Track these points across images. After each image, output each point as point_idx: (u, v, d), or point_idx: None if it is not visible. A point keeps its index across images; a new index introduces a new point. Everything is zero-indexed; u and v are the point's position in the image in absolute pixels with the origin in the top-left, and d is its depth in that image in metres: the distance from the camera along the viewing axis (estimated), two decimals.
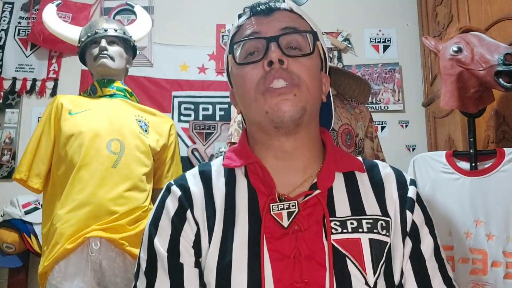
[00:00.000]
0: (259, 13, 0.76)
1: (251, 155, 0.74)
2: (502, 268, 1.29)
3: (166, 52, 2.73)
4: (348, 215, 0.70)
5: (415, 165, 1.55)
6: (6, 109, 2.65)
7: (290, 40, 0.73)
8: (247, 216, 0.70)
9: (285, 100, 0.68)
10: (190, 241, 0.70)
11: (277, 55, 0.69)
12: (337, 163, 0.75)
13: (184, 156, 2.48)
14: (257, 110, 0.71)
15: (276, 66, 0.69)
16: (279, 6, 0.76)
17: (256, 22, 0.75)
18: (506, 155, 1.35)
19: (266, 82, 0.69)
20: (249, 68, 0.72)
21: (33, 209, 2.27)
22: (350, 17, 2.75)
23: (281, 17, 0.75)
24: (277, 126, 0.70)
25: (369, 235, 0.69)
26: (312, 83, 0.72)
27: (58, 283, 1.35)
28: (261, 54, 0.72)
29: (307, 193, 0.71)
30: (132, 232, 1.42)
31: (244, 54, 0.74)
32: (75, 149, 1.45)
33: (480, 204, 1.36)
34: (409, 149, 2.62)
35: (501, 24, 1.67)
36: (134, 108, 1.63)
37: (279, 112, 0.68)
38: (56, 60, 2.72)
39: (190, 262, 0.70)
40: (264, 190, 0.72)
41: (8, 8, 2.80)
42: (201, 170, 0.78)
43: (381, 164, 0.79)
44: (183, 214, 0.72)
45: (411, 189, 0.75)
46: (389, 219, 0.71)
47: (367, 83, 1.64)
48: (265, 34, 0.72)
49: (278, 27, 0.73)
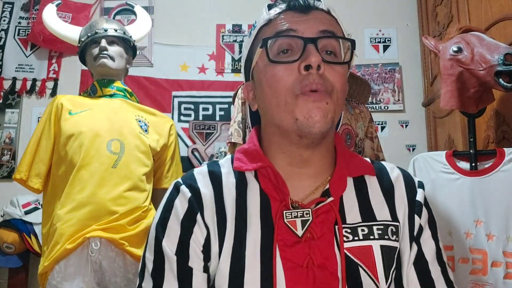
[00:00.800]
0: (296, 9, 0.71)
1: (264, 159, 0.71)
2: (502, 268, 1.29)
3: (166, 52, 2.73)
4: (358, 222, 0.69)
5: (415, 165, 1.55)
6: (6, 109, 2.65)
7: (326, 44, 0.69)
8: (259, 222, 0.68)
9: (318, 109, 0.65)
10: (200, 245, 0.68)
11: (317, 60, 0.65)
12: (348, 168, 0.73)
13: (184, 156, 2.49)
14: (285, 114, 0.67)
15: (314, 72, 0.65)
16: (317, 6, 0.72)
17: (292, 18, 0.70)
18: (506, 155, 1.35)
19: (302, 88, 0.66)
20: (282, 68, 0.68)
21: (33, 209, 2.27)
22: (350, 17, 2.74)
23: (319, 17, 0.70)
24: (303, 136, 0.67)
25: (381, 241, 0.68)
26: (343, 93, 0.69)
27: (58, 283, 1.35)
28: (296, 55, 0.67)
29: (319, 200, 0.69)
30: (132, 232, 1.41)
31: (276, 50, 0.69)
32: (75, 149, 1.45)
33: (480, 204, 1.36)
34: (409, 149, 2.62)
35: (501, 24, 1.67)
36: (134, 108, 1.63)
37: (309, 121, 0.65)
38: (56, 60, 2.72)
39: (199, 266, 0.67)
40: (276, 196, 0.69)
41: (8, 8, 2.80)
42: (211, 170, 0.75)
43: (388, 166, 0.78)
44: (194, 216, 0.69)
45: (419, 192, 0.74)
46: (399, 223, 0.70)
47: (367, 83, 1.64)
48: (302, 34, 0.68)
49: (317, 28, 0.69)
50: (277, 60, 0.68)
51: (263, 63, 0.71)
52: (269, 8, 0.74)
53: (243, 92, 0.79)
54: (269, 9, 0.73)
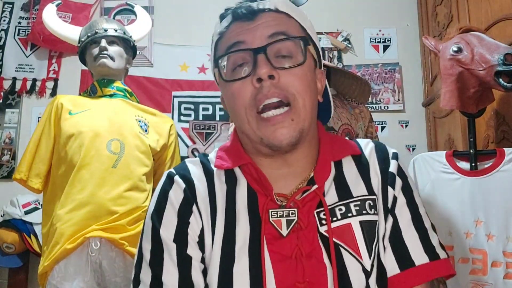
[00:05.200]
0: (241, 18, 0.68)
1: (243, 156, 0.71)
2: (502, 268, 1.29)
3: (166, 52, 2.73)
4: (335, 202, 0.68)
5: (415, 165, 1.55)
6: (6, 109, 2.65)
7: (280, 48, 0.66)
8: (247, 216, 0.68)
9: (281, 129, 0.64)
10: (196, 235, 0.67)
11: (266, 71, 0.63)
12: (332, 152, 0.72)
13: (184, 156, 2.48)
14: (251, 132, 0.67)
15: (267, 83, 0.64)
16: (263, 7, 0.68)
17: (239, 29, 0.68)
18: (506, 155, 1.35)
19: (257, 103, 0.64)
20: (239, 84, 0.66)
21: (33, 209, 2.27)
22: (350, 17, 2.75)
23: (266, 21, 0.67)
24: (273, 149, 0.66)
25: (359, 217, 0.67)
26: (307, 94, 0.67)
27: (58, 283, 1.35)
28: (249, 67, 0.66)
29: (304, 189, 0.68)
30: (132, 232, 1.42)
31: (231, 66, 0.68)
32: (75, 149, 1.45)
33: (480, 204, 1.36)
34: (409, 149, 2.62)
35: (501, 24, 1.67)
36: (134, 108, 1.63)
37: (274, 140, 0.64)
38: (56, 60, 2.72)
39: (197, 256, 0.67)
40: (261, 191, 0.69)
41: (8, 8, 2.80)
42: (203, 162, 0.74)
43: (363, 142, 0.76)
44: (190, 207, 0.68)
45: (392, 163, 0.72)
46: (375, 196, 0.69)
47: (367, 83, 1.64)
48: (251, 44, 0.66)
49: (265, 34, 0.66)
50: (230, 80, 0.67)
51: (221, 81, 0.70)
52: (221, 19, 0.72)
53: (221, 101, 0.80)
54: (221, 20, 0.72)
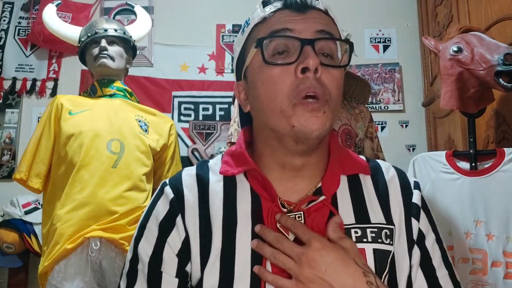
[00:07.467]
0: (292, 7, 0.67)
1: (249, 162, 0.68)
2: (502, 268, 1.29)
3: (166, 52, 2.73)
4: (352, 223, 0.67)
5: (415, 165, 1.55)
6: (6, 109, 2.65)
7: (324, 46, 0.65)
8: (250, 223, 0.66)
9: (315, 118, 0.62)
10: (176, 249, 0.66)
11: (315, 62, 0.62)
12: (342, 165, 0.71)
13: (184, 156, 2.48)
14: (282, 120, 0.64)
15: (311, 76, 0.62)
16: (315, 5, 0.68)
17: (288, 17, 0.66)
18: (506, 155, 1.35)
19: (298, 95, 0.63)
20: (278, 70, 0.64)
21: (33, 209, 2.27)
22: (350, 17, 2.74)
23: (316, 17, 0.67)
24: (299, 141, 0.64)
25: (373, 245, 0.65)
26: (339, 98, 0.67)
27: (58, 283, 1.35)
28: (292, 57, 0.64)
29: (311, 198, 0.67)
30: (132, 232, 1.41)
31: (271, 51, 0.65)
32: (75, 149, 1.45)
33: (480, 204, 1.36)
34: (409, 149, 2.62)
35: (501, 24, 1.67)
36: (134, 108, 1.63)
37: (307, 129, 0.62)
38: (56, 60, 2.72)
39: (171, 271, 0.65)
40: (266, 196, 0.67)
41: (8, 8, 2.80)
42: (199, 173, 0.73)
43: (384, 165, 0.75)
44: (173, 219, 0.67)
45: (415, 193, 0.71)
46: (393, 226, 0.68)
47: (367, 83, 1.64)
48: (299, 34, 0.64)
49: (314, 28, 0.65)
50: (273, 62, 0.65)
51: (257, 63, 0.67)
52: (264, 5, 0.70)
53: (234, 92, 0.75)
54: (264, 6, 0.69)
